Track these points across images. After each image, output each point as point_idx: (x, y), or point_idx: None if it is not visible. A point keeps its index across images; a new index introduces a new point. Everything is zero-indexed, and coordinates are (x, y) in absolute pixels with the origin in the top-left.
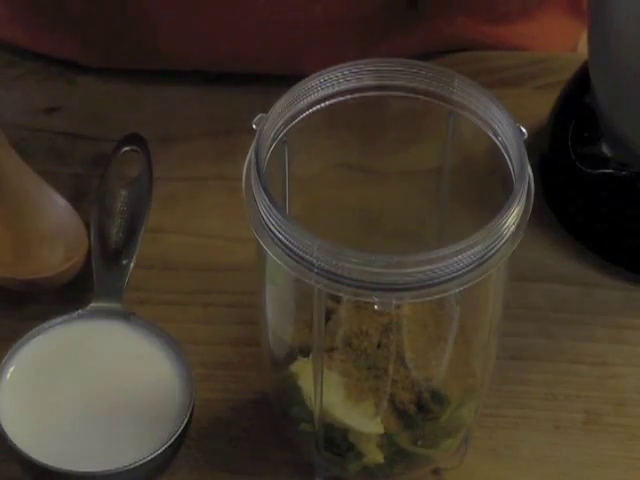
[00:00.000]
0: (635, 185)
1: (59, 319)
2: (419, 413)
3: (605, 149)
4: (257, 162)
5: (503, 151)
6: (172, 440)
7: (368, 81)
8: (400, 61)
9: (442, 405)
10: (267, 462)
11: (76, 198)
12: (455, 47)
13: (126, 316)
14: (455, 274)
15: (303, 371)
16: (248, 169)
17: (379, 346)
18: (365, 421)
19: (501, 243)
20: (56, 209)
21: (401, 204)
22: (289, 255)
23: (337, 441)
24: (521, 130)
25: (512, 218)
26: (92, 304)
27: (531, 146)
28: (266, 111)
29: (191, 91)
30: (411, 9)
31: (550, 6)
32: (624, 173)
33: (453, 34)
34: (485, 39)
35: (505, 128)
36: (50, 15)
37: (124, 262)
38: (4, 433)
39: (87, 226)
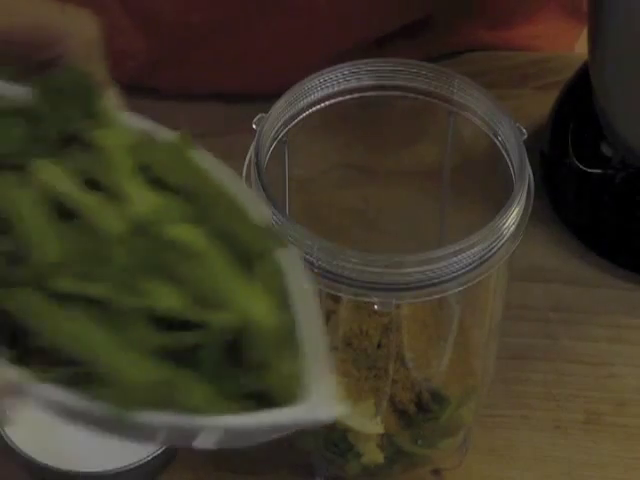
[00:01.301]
0: (635, 185)
1: None
2: (419, 413)
3: (605, 149)
4: (257, 162)
5: (503, 151)
6: None
7: (368, 81)
8: (400, 61)
9: (442, 405)
10: (267, 462)
11: None
12: (457, 50)
13: None
14: (455, 274)
15: None
16: (248, 169)
17: (379, 346)
18: (365, 421)
19: (501, 243)
20: None
21: (401, 204)
22: None
23: (337, 441)
24: (521, 130)
25: (512, 218)
26: None
27: (531, 146)
28: (266, 111)
29: None
30: (426, 31)
31: (551, 8)
32: (624, 173)
33: (456, 42)
34: (488, 43)
35: (505, 128)
36: None
37: None
38: (4, 433)
39: None
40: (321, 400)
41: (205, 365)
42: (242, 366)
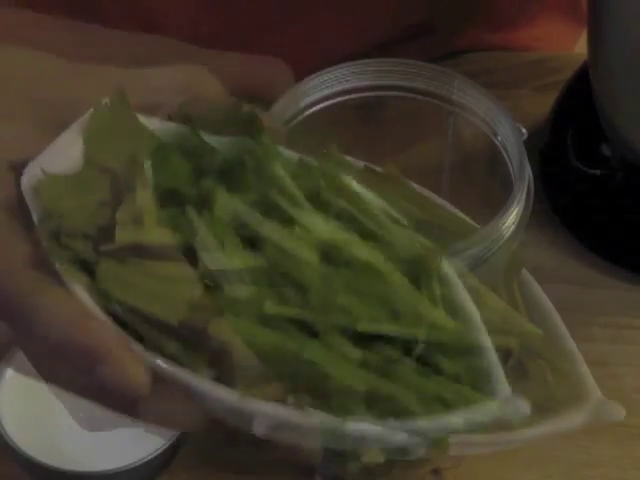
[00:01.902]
0: (635, 185)
1: None
2: None
3: (605, 149)
4: None
5: (503, 151)
6: (172, 440)
7: (368, 81)
8: (399, 61)
9: None
10: (267, 462)
11: None
12: (458, 51)
13: None
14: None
15: None
16: None
17: None
18: None
19: (501, 243)
20: None
21: None
22: None
23: None
24: (521, 130)
25: (512, 218)
26: None
27: (531, 146)
28: (266, 111)
29: None
30: (427, 34)
31: (551, 10)
32: (624, 173)
33: (458, 43)
34: (488, 45)
35: (505, 128)
36: None
37: None
38: (4, 433)
39: None
40: (512, 397)
41: (404, 374)
42: (432, 373)
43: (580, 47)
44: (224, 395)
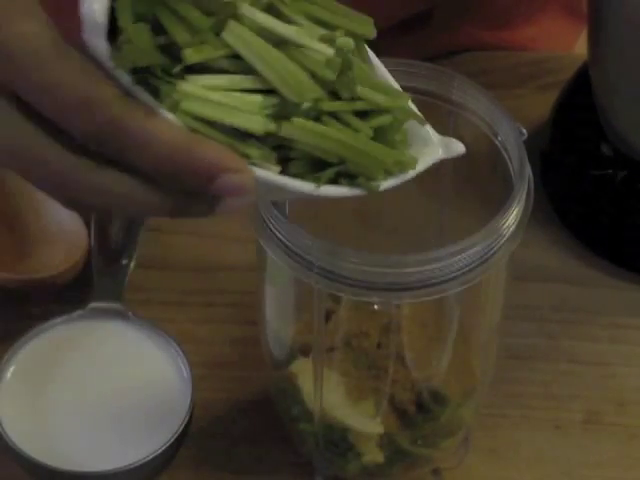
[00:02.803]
0: (635, 185)
1: (59, 319)
2: (419, 413)
3: (605, 149)
4: None
5: (503, 151)
6: (172, 440)
7: None
8: (399, 61)
9: (442, 405)
10: (267, 462)
11: None
12: (456, 50)
13: (126, 316)
14: (455, 274)
15: (303, 371)
16: None
17: (379, 346)
18: (365, 421)
19: (501, 243)
20: (56, 209)
21: (401, 204)
22: (289, 255)
23: (337, 441)
24: (521, 130)
25: (512, 218)
26: (92, 304)
27: (531, 146)
28: None
29: None
30: (424, 27)
31: (550, 9)
32: (624, 173)
33: (456, 42)
34: (487, 44)
35: (505, 128)
36: None
37: (124, 262)
38: (4, 433)
39: (87, 226)
40: (448, 140)
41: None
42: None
43: (580, 47)
44: (303, 187)
